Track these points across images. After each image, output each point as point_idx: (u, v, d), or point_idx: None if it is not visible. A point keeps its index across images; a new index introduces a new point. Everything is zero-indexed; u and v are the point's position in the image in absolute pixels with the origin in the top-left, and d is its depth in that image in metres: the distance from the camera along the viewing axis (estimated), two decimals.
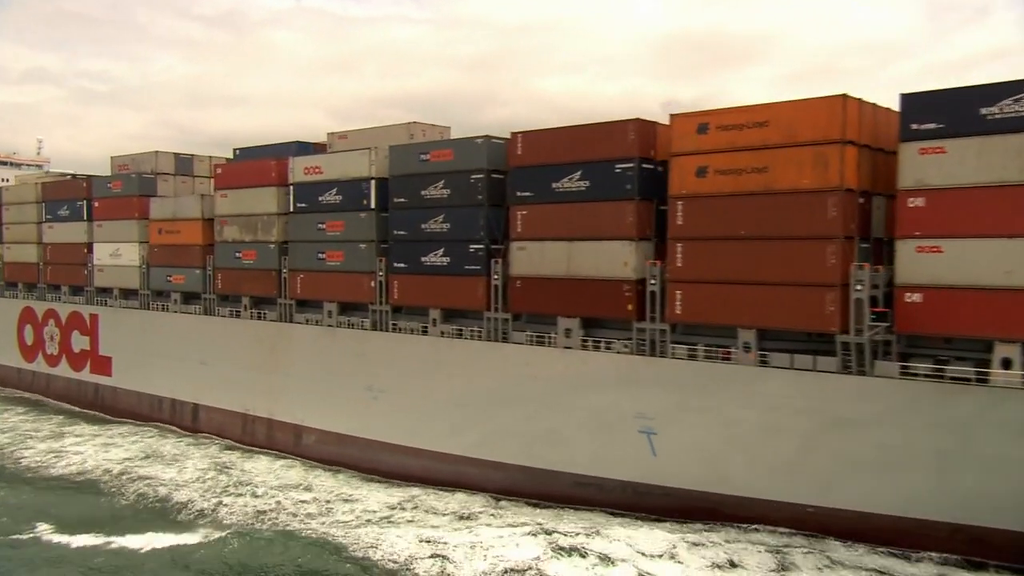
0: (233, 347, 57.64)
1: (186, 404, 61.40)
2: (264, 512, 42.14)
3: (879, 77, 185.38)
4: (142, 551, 38.19)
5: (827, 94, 33.67)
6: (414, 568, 34.55)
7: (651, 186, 39.10)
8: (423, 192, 46.88)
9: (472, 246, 44.69)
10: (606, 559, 34.18)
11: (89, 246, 70.16)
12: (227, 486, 46.75)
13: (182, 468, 50.34)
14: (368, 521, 40.71)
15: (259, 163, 56.28)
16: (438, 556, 35.36)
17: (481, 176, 44.17)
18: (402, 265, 48.13)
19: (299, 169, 53.44)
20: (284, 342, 54.53)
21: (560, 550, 35.16)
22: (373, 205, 49.43)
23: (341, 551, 36.83)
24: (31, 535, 40.70)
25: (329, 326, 51.94)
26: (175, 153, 67.92)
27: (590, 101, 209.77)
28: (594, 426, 40.28)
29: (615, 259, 39.11)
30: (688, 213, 36.68)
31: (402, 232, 48.09)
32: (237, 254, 57.64)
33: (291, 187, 53.94)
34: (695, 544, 35.01)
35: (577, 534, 36.85)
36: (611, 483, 40.48)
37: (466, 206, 44.95)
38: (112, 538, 39.61)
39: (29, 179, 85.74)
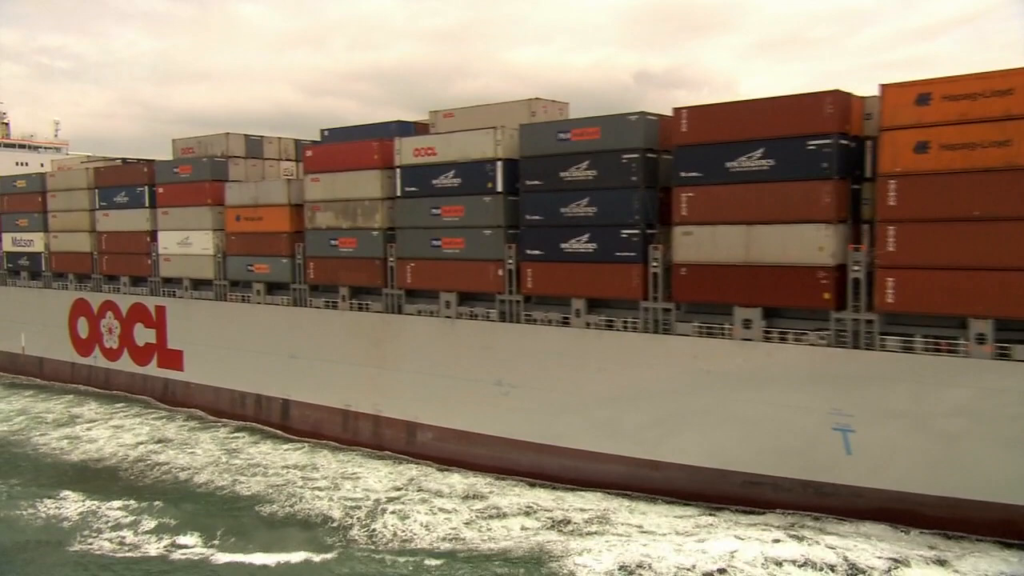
0: (330, 340, 53.33)
1: (274, 400, 57.07)
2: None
3: (847, 44, 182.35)
4: None
5: None
6: None
7: (847, 164, 35.37)
8: (562, 174, 42.74)
9: (625, 231, 40.70)
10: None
11: (152, 234, 65.15)
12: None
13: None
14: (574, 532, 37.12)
15: (359, 145, 51.66)
16: None
17: (635, 156, 40.11)
18: (537, 252, 44.06)
19: (408, 150, 48.99)
20: (393, 334, 50.33)
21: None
22: (500, 188, 45.24)
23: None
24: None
25: (447, 317, 47.83)
26: (245, 135, 62.93)
27: (561, 72, 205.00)
28: (774, 422, 36.75)
29: (807, 243, 35.32)
30: (904, 193, 32.96)
31: (536, 217, 43.97)
32: (332, 241, 53.16)
33: (398, 170, 49.49)
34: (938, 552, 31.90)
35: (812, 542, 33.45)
36: (788, 482, 37.08)
37: (617, 188, 40.90)
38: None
39: (68, 163, 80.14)
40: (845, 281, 34.96)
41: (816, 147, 34.83)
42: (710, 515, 37.62)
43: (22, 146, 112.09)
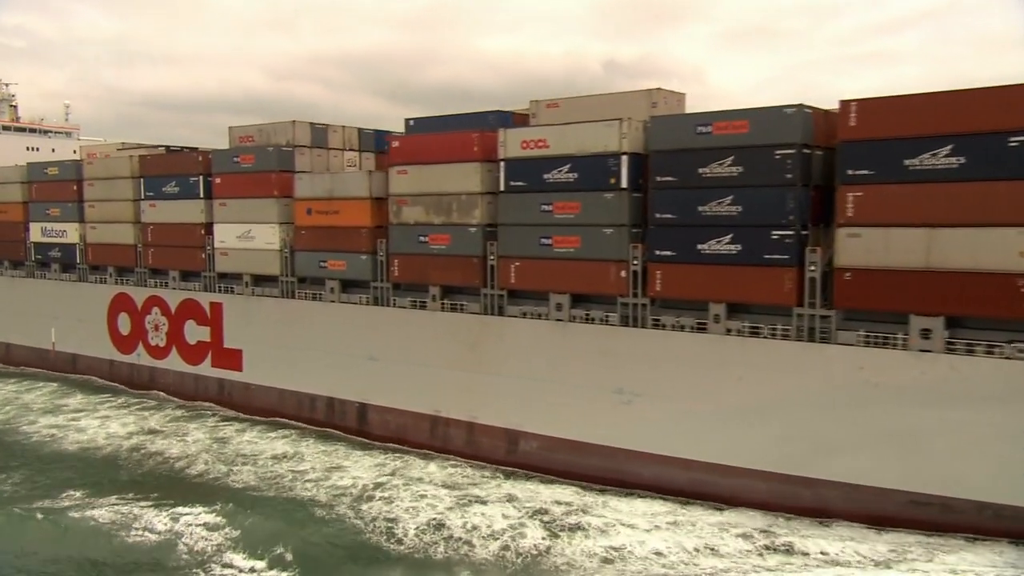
0: (418, 341, 48.88)
1: (349, 403, 52.48)
2: None
3: (814, 37, 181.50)
4: None
5: None
6: None
7: None
8: (701, 170, 38.81)
9: (776, 232, 36.92)
10: None
11: (207, 227, 60.02)
12: None
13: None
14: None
15: (456, 136, 47.18)
16: None
17: (791, 152, 36.34)
18: (668, 253, 40.13)
19: (514, 142, 44.65)
20: (493, 337, 46.06)
21: None
22: (624, 184, 41.19)
23: None
24: None
25: (558, 320, 43.71)
26: (310, 123, 57.97)
27: (532, 61, 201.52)
28: (952, 439, 33.33)
29: (1006, 249, 31.85)
30: None
31: (668, 215, 40.01)
32: (422, 238, 48.67)
33: (502, 163, 45.18)
34: None
35: None
36: (961, 503, 33.69)
37: (767, 186, 37.08)
38: None
39: (105, 150, 74.22)
40: None
41: (1020, 144, 31.25)
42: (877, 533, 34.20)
43: (32, 130, 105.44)
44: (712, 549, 33.98)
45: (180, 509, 38.52)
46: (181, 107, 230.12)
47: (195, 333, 61.03)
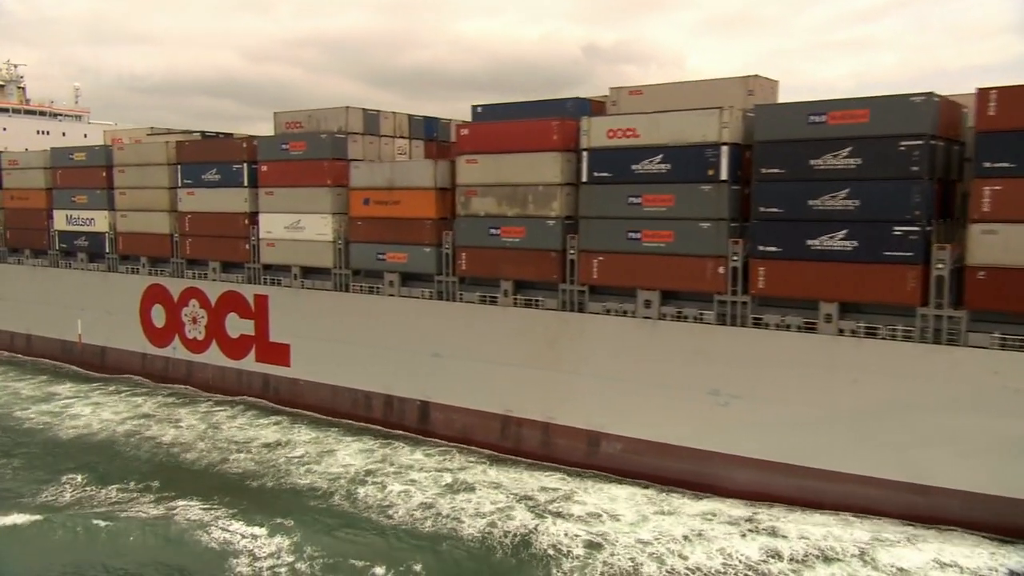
0: (488, 338, 45.72)
1: (409, 401, 49.25)
2: None
3: (794, 23, 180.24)
4: None
5: None
6: None
7: None
8: (813, 161, 35.89)
9: (898, 228, 34.12)
10: None
11: (252, 216, 56.30)
12: None
13: None
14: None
15: (533, 124, 43.84)
16: None
17: (919, 143, 33.51)
18: (773, 249, 37.23)
19: (599, 131, 41.46)
20: (572, 334, 42.99)
21: None
22: (724, 176, 38.20)
23: None
24: None
25: (646, 318, 40.74)
26: (363, 109, 54.31)
27: (512, 45, 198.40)
28: None
29: None
30: None
31: (774, 209, 37.08)
32: (493, 230, 45.39)
33: (584, 153, 42.01)
34: None
35: None
36: None
37: (890, 179, 34.26)
38: None
39: (133, 134, 69.94)
40: None
41: None
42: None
43: (42, 113, 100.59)
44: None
45: (178, 501, 35.30)
46: (156, 89, 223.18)
47: (237, 326, 57.37)
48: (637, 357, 40.94)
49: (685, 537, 33.94)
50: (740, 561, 31.77)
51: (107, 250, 65.50)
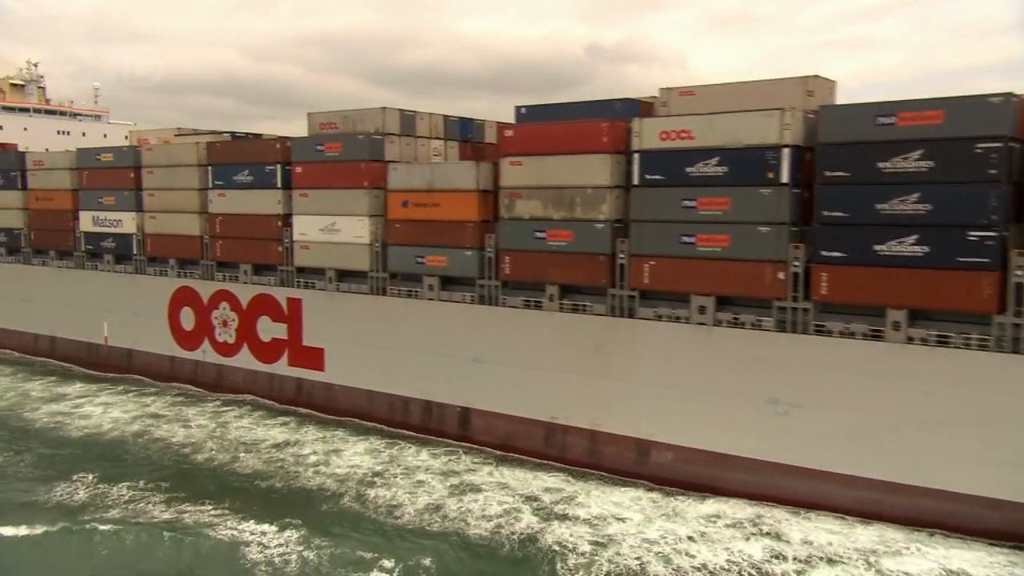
0: (533, 343, 44.24)
1: (449, 407, 47.77)
2: None
3: (793, 23, 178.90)
4: None
5: None
6: None
7: None
8: (880, 164, 34.39)
9: (974, 233, 32.59)
10: None
11: (285, 218, 54.86)
12: None
13: None
14: None
15: (581, 125, 42.37)
16: None
17: (997, 145, 31.99)
18: (837, 254, 35.71)
19: (651, 133, 40.00)
20: (621, 340, 41.51)
21: None
22: (785, 179, 36.70)
23: None
24: None
25: (700, 324, 39.24)
26: (400, 110, 52.86)
27: (514, 44, 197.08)
28: None
29: None
30: None
31: (839, 213, 35.59)
32: (538, 233, 43.94)
33: (636, 155, 40.53)
34: None
35: None
36: None
37: (964, 183, 32.75)
38: None
39: (162, 135, 68.55)
40: None
41: None
42: None
43: (62, 113, 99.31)
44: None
45: (186, 504, 33.89)
46: (156, 88, 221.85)
47: (269, 330, 55.94)
48: (690, 364, 39.47)
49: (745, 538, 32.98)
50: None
51: (135, 252, 64.10)
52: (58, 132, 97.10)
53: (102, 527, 34.73)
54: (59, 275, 69.70)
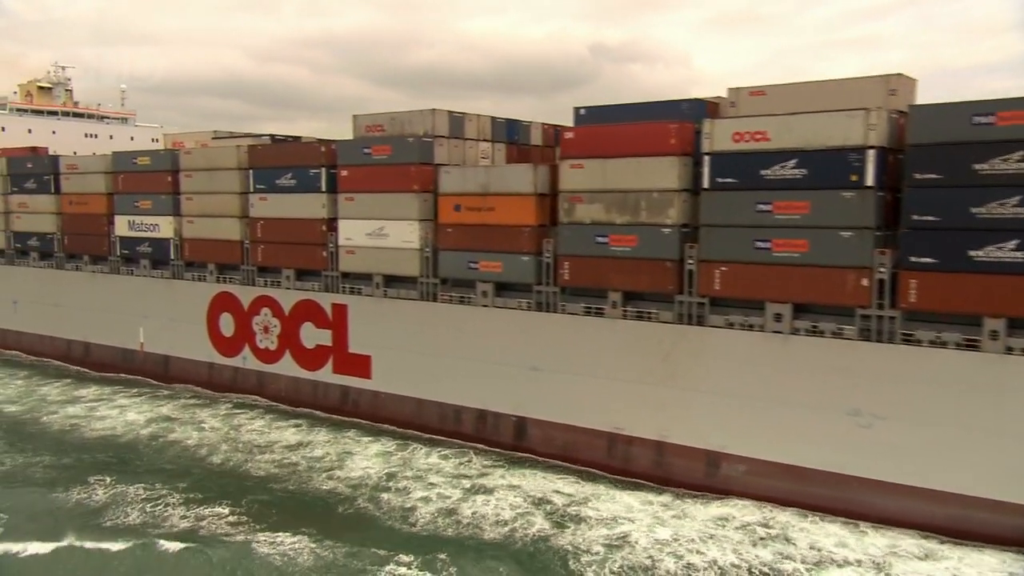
0: (594, 351, 42.36)
1: (504, 417, 45.92)
2: None
3: (798, 22, 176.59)
4: None
5: None
6: None
7: None
8: (977, 166, 32.44)
9: None
10: None
11: (330, 223, 53.06)
12: None
13: None
14: None
15: (646, 127, 40.48)
16: None
17: None
18: (928, 260, 33.74)
19: (723, 135, 38.08)
20: (690, 348, 39.61)
21: None
22: (870, 182, 34.75)
23: None
24: None
25: (776, 332, 37.31)
26: (448, 111, 51.01)
27: (518, 44, 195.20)
28: None
29: None
30: None
31: (930, 217, 33.62)
32: (600, 239, 42.05)
33: (706, 157, 38.63)
34: None
35: None
36: None
37: None
38: None
39: (197, 138, 66.89)
40: None
41: None
42: None
43: (90, 116, 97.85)
44: None
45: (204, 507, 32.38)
46: (159, 89, 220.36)
47: (313, 336, 54.14)
48: (764, 373, 37.55)
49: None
50: None
51: (172, 256, 62.37)
52: (86, 135, 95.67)
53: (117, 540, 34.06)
54: (93, 280, 68.01)
